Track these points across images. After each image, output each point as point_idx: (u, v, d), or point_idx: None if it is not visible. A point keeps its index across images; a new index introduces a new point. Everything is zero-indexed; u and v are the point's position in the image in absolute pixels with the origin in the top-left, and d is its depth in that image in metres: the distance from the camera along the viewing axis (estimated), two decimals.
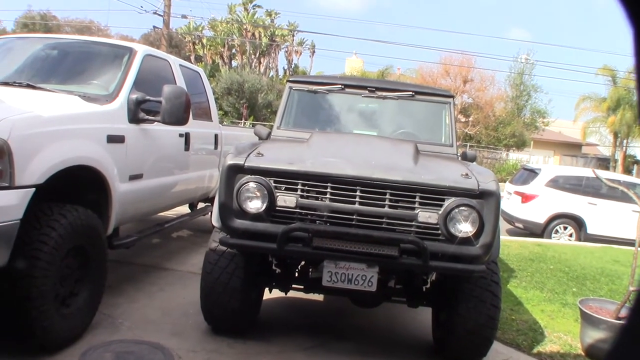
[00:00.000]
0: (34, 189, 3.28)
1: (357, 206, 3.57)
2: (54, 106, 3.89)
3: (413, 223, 3.56)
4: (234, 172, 3.66)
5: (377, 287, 3.61)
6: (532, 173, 12.52)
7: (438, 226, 3.54)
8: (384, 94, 5.30)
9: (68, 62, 5.22)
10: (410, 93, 5.31)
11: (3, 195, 3.09)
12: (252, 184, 3.60)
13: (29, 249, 3.28)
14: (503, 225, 10.88)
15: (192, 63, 18.77)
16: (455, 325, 3.95)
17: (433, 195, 3.55)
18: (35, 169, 3.30)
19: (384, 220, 3.57)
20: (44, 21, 39.46)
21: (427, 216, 3.54)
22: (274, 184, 3.63)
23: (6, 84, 4.44)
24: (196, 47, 39.43)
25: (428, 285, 4.31)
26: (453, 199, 3.52)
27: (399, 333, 4.81)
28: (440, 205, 3.54)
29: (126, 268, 5.77)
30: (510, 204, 12.27)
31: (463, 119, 34.68)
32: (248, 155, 3.73)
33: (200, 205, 7.45)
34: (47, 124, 3.55)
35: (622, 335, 0.89)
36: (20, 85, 4.40)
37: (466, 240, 3.49)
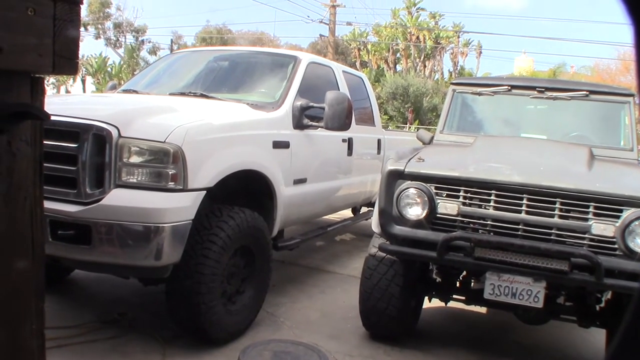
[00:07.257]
0: (204, 192, 3.50)
1: (523, 215, 3.36)
2: (224, 114, 4.14)
3: (586, 235, 3.26)
4: (393, 178, 3.62)
5: (543, 303, 3.34)
6: None
7: (615, 240, 3.20)
8: (555, 94, 4.94)
9: (237, 72, 5.52)
10: (584, 92, 4.87)
11: (178, 198, 3.33)
12: (412, 190, 3.54)
13: (199, 247, 3.50)
14: None
15: (357, 69, 19.12)
16: None
17: (609, 205, 3.22)
18: (206, 173, 3.52)
19: (552, 231, 3.32)
20: (220, 35, 42.48)
21: (602, 228, 3.22)
22: (434, 191, 3.54)
23: (183, 94, 4.84)
24: (361, 53, 40.24)
25: (602, 305, 3.92)
26: (633, 210, 3.16)
27: (567, 354, 4.42)
28: (618, 217, 3.20)
29: (290, 269, 5.97)
30: None
31: None
32: (408, 161, 3.67)
33: (363, 209, 7.51)
34: (217, 131, 3.77)
35: (623, 336, 0.80)
36: (195, 95, 4.77)
37: None
